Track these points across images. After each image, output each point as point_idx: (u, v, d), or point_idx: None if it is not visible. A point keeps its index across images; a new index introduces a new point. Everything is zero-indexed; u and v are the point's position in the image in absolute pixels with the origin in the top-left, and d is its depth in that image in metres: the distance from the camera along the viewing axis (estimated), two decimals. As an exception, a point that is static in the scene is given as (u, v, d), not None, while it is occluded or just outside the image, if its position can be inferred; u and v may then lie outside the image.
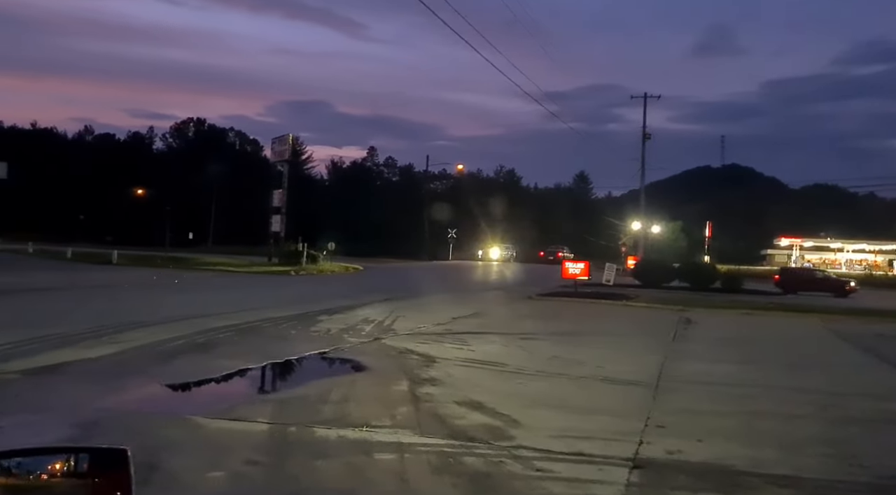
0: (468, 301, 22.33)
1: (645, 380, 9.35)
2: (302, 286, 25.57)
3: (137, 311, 14.88)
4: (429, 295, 23.82)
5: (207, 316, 14.59)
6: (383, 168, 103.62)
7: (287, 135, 38.76)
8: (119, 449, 1.47)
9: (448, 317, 17.20)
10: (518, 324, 16.34)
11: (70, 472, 1.43)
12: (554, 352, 11.85)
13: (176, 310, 15.45)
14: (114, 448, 1.48)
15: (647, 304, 21.75)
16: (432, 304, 20.55)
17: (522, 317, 18.08)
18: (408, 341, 12.47)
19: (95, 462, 1.45)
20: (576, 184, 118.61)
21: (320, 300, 19.71)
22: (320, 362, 10.34)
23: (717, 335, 15.48)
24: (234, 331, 12.61)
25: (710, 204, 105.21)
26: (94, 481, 1.41)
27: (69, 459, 1.45)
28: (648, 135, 43.37)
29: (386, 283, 28.60)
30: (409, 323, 15.48)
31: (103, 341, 10.72)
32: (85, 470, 1.44)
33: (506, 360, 10.71)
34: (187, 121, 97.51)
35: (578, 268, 24.57)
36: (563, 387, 8.90)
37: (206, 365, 9.34)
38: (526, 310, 20.22)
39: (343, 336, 12.95)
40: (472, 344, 12.46)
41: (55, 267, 30.36)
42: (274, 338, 12.20)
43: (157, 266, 32.52)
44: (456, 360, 10.59)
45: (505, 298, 23.69)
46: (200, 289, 22.12)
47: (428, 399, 7.73)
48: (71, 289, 20.20)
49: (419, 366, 9.92)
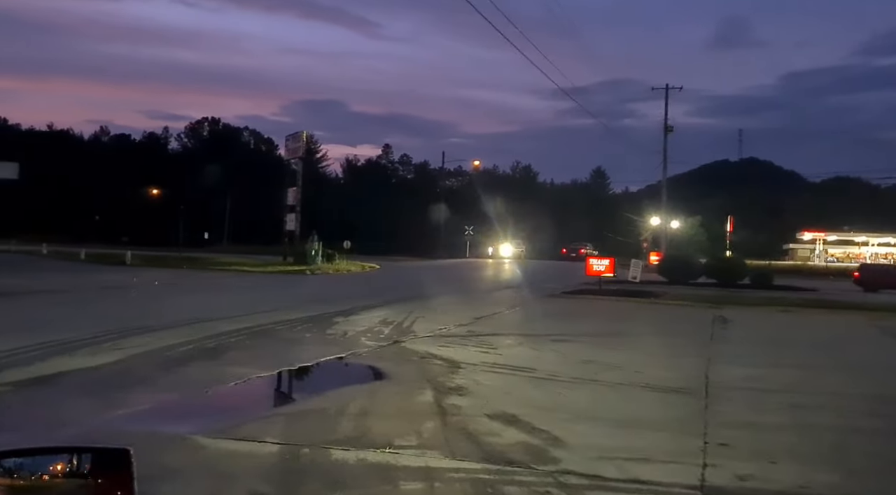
0: (489, 300, 21.57)
1: (691, 387, 8.53)
2: (317, 286, 24.93)
3: (145, 314, 14.25)
4: (448, 294, 23.08)
5: (219, 318, 13.93)
6: (398, 165, 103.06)
7: (301, 132, 38.17)
8: (121, 450, 1.45)
9: (470, 317, 16.45)
10: (544, 324, 15.54)
11: (72, 472, 1.41)
12: (586, 355, 11.05)
13: (186, 312, 14.81)
14: (116, 448, 1.46)
15: (676, 302, 20.86)
16: (452, 304, 19.80)
17: (548, 316, 17.29)
18: (429, 344, 11.73)
19: (98, 462, 1.43)
20: (593, 180, 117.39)
21: (336, 300, 19.03)
22: (336, 369, 9.61)
23: (758, 335, 14.60)
24: (245, 335, 11.93)
25: (729, 198, 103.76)
26: (97, 481, 1.40)
27: (71, 459, 1.43)
28: (671, 128, 42.32)
29: (403, 282, 27.89)
30: (429, 324, 14.74)
31: (106, 347, 10.06)
32: (87, 470, 1.42)
33: (536, 365, 9.93)
34: (202, 120, 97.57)
35: (603, 264, 23.70)
36: (602, 396, 8.10)
37: (214, 373, 8.65)
38: (551, 308, 19.42)
39: (360, 339, 12.24)
40: (498, 346, 11.70)
41: (67, 268, 29.94)
42: (287, 342, 11.50)
43: (171, 266, 32.04)
44: (482, 366, 9.83)
45: (527, 297, 22.88)
46: (212, 289, 21.52)
47: (456, 412, 6.98)
48: (79, 291, 19.65)
49: (443, 373, 9.17)
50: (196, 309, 15.73)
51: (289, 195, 39.29)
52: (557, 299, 22.28)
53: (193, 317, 13.83)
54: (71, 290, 19.58)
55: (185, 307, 16.17)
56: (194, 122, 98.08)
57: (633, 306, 20.27)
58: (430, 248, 61.22)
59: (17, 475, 1.38)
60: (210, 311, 15.08)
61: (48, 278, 24.14)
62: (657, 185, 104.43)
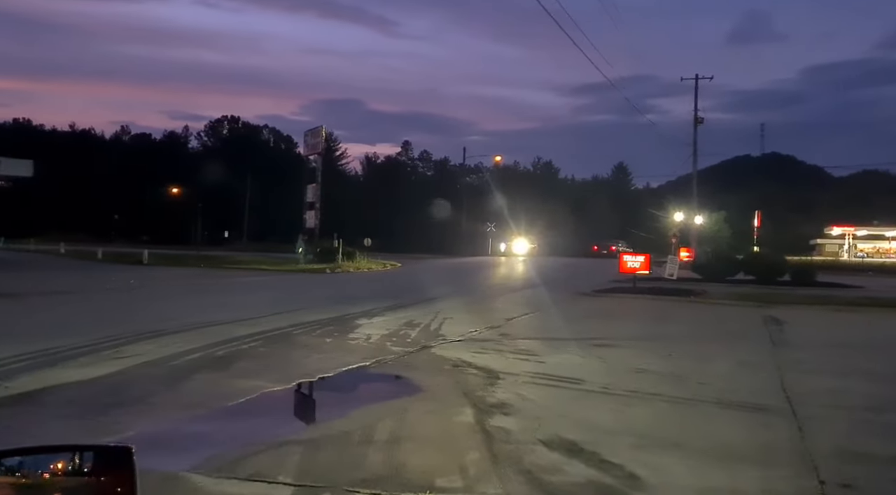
0: (518, 299, 20.43)
1: (773, 404, 7.34)
2: (338, 285, 23.91)
3: (155, 317, 13.28)
4: (474, 293, 22.00)
5: (233, 321, 12.94)
6: (418, 162, 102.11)
7: (320, 127, 37.22)
8: (123, 447, 1.43)
9: (501, 318, 15.33)
10: (582, 326, 14.37)
11: (74, 471, 1.38)
12: (637, 362, 9.87)
13: (198, 314, 13.83)
14: (118, 446, 1.44)
15: (719, 301, 19.56)
16: (480, 304, 18.70)
17: (584, 317, 16.11)
18: (461, 350, 10.64)
19: (99, 460, 1.41)
20: (615, 176, 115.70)
21: (358, 301, 18.00)
22: (361, 381, 8.52)
23: (820, 338, 13.32)
24: (260, 340, 10.90)
25: (752, 193, 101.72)
26: (99, 479, 1.38)
27: (73, 457, 1.40)
28: (700, 120, 40.74)
29: (426, 281, 26.81)
30: (458, 326, 13.65)
31: (105, 356, 9.07)
32: (89, 468, 1.40)
33: (583, 375, 8.79)
34: (221, 119, 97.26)
35: (638, 261, 22.43)
36: (671, 416, 6.93)
37: (220, 387, 7.61)
38: (585, 309, 18.23)
39: (386, 344, 11.16)
40: (537, 352, 10.57)
41: (82, 267, 29.22)
42: (306, 349, 10.44)
43: (188, 265, 31.25)
44: (524, 376, 8.70)
45: (557, 296, 21.67)
46: (228, 289, 20.57)
47: (504, 437, 5.86)
48: (89, 291, 18.80)
49: (482, 385, 8.06)
50: (209, 310, 14.75)
51: (308, 192, 38.36)
52: (590, 298, 21.07)
53: (205, 320, 12.85)
54: (80, 291, 18.73)
55: (198, 309, 15.21)
56: (214, 121, 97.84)
57: (673, 305, 19.00)
58: (451, 246, 60.13)
59: (19, 474, 1.35)
60: (223, 313, 14.09)
61: (60, 278, 23.40)
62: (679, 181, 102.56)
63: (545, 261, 49.18)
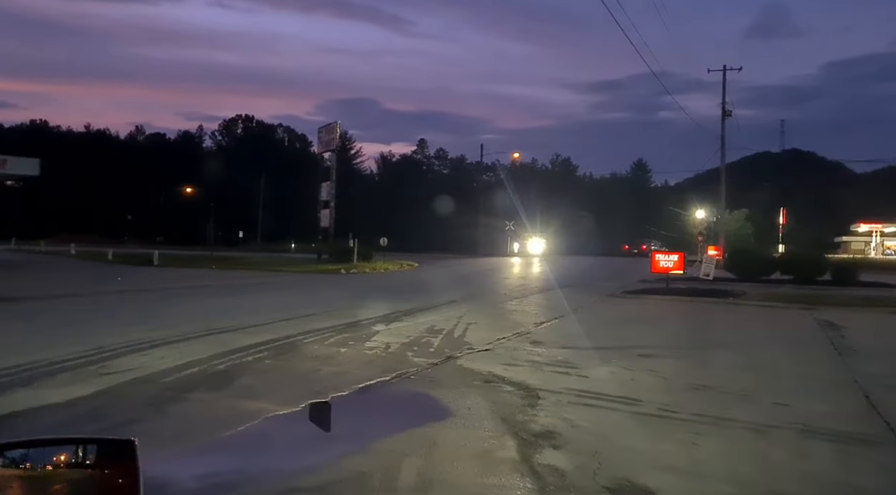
0: (544, 302, 19.23)
1: (873, 433, 6.14)
2: (353, 287, 22.82)
3: (154, 324, 12.23)
4: (497, 295, 20.84)
5: (239, 328, 11.88)
6: (434, 160, 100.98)
7: (334, 123, 36.15)
8: (126, 440, 1.43)
9: (529, 323, 14.18)
10: (620, 332, 13.18)
11: (77, 463, 1.39)
12: (693, 376, 8.68)
13: (202, 320, 12.78)
14: (121, 439, 1.44)
15: (762, 303, 18.23)
16: (504, 306, 17.54)
17: (620, 322, 14.89)
18: (491, 361, 9.50)
19: (103, 453, 1.41)
20: (633, 173, 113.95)
21: (374, 304, 16.90)
22: (380, 402, 7.40)
23: (889, 345, 12.03)
24: (267, 351, 9.81)
25: (773, 190, 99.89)
26: (103, 472, 1.38)
27: (77, 450, 1.41)
28: (729, 113, 39.21)
29: (445, 282, 25.68)
30: (484, 332, 12.51)
31: (90, 372, 8.01)
32: (92, 460, 1.40)
33: (636, 393, 7.61)
34: (235, 118, 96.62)
35: (671, 260, 21.13)
36: (759, 451, 5.72)
37: (218, 411, 6.52)
38: (618, 312, 17.01)
39: (406, 354, 10.04)
40: (578, 364, 9.39)
41: (90, 269, 28.37)
42: (318, 361, 9.34)
43: (200, 266, 30.33)
44: (568, 394, 7.54)
45: (585, 298, 20.45)
46: (238, 292, 19.53)
47: (559, 482, 4.71)
48: (92, 295, 17.83)
49: (521, 407, 6.92)
50: (215, 315, 13.70)
51: (322, 190, 37.34)
52: (622, 300, 19.84)
53: (209, 327, 11.79)
54: (82, 294, 17.78)
55: (203, 314, 14.15)
56: (228, 120, 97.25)
57: (713, 308, 17.72)
58: (469, 245, 58.94)
59: (23, 466, 1.34)
60: (230, 319, 13.04)
61: (64, 280, 22.53)
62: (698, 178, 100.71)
63: (566, 261, 47.90)
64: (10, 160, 26.43)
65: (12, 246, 43.39)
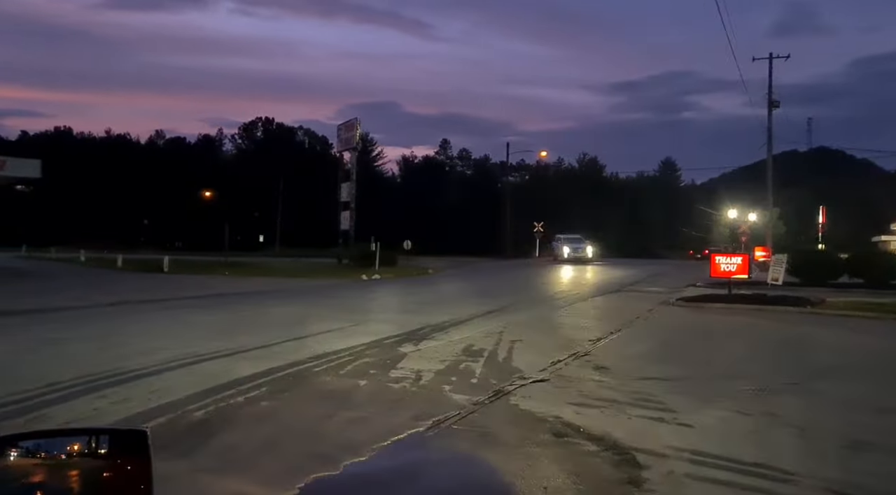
0: (592, 311, 16.93)
1: None
2: (375, 296, 20.67)
3: (138, 347, 10.16)
4: (535, 303, 18.58)
5: (237, 351, 9.78)
6: (457, 161, 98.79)
7: (354, 119, 34.09)
8: (139, 431, 1.43)
9: (583, 339, 11.93)
10: (700, 352, 10.89)
11: (90, 453, 1.39)
12: (840, 425, 6.40)
13: (195, 342, 10.69)
14: (133, 429, 1.43)
15: (847, 313, 15.76)
16: (549, 318, 15.27)
17: (693, 337, 12.60)
18: (553, 398, 7.32)
19: (115, 443, 1.41)
20: (662, 172, 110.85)
21: (400, 316, 14.79)
22: (411, 473, 5.21)
23: None
24: (266, 386, 7.67)
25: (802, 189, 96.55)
26: (115, 462, 1.38)
27: (89, 441, 1.41)
28: (776, 103, 36.47)
29: (476, 288, 23.45)
30: (533, 354, 10.32)
31: (32, 419, 5.92)
32: (105, 451, 1.40)
33: (776, 456, 5.35)
34: (255, 120, 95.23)
35: (733, 263, 18.66)
36: None
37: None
38: (684, 325, 14.71)
39: (443, 387, 7.87)
40: (671, 404, 7.12)
41: (94, 277, 26.57)
42: (330, 401, 7.18)
43: (212, 273, 28.43)
44: (677, 458, 5.30)
45: (637, 306, 18.13)
46: (245, 304, 17.43)
47: None
48: (84, 309, 15.85)
49: (620, 485, 4.70)
50: (211, 334, 11.61)
51: (342, 190, 35.28)
52: (682, 310, 17.48)
53: (201, 351, 9.69)
54: (74, 308, 15.82)
55: (200, 330, 12.07)
56: (248, 123, 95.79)
57: (794, 319, 15.29)
58: (495, 247, 56.67)
59: (39, 456, 1.36)
60: (229, 339, 10.94)
61: (58, 290, 20.67)
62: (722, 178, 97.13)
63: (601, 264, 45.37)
64: (10, 161, 24.78)
65: (23, 252, 42.01)
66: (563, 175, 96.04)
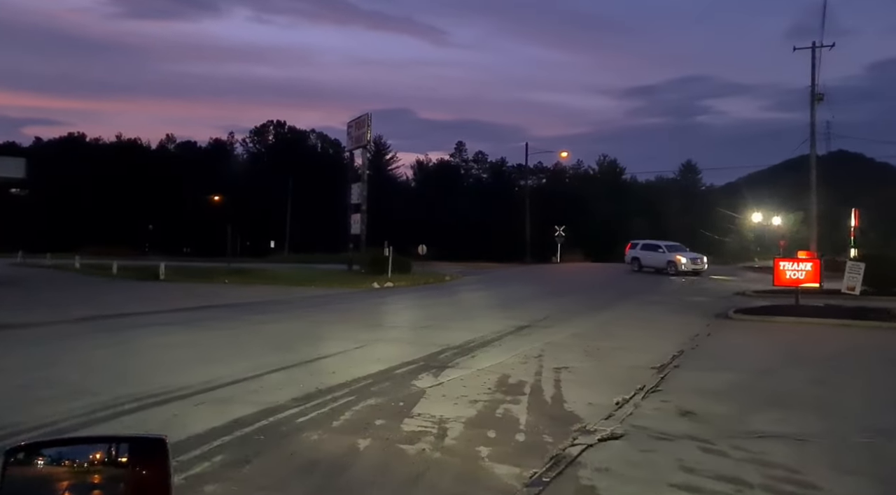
0: (638, 327, 14.41)
1: None
2: (387, 308, 18.20)
3: (58, 388, 7.81)
4: (571, 315, 16.09)
5: (198, 391, 7.43)
6: (473, 164, 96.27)
7: (365, 115, 31.77)
8: (157, 439, 1.45)
9: (643, 365, 9.54)
10: (812, 389, 8.38)
11: (110, 461, 1.42)
12: None
13: (146, 376, 8.32)
14: (152, 437, 1.45)
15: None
16: (592, 335, 12.78)
17: (786, 364, 10.07)
18: (643, 472, 4.99)
19: (135, 451, 1.44)
20: (682, 175, 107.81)
21: (414, 335, 12.37)
22: None
23: None
24: (223, 453, 5.29)
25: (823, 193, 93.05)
26: (135, 469, 1.41)
27: (110, 448, 1.44)
28: (820, 96, 33.70)
29: (500, 298, 20.99)
30: (587, 388, 7.99)
31: None
32: (125, 458, 1.42)
33: None
34: (267, 124, 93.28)
35: (802, 270, 16.03)
36: None
37: None
38: (762, 345, 12.27)
39: (478, 450, 5.51)
40: (837, 490, 4.64)
41: (84, 286, 24.36)
42: (310, 480, 4.77)
43: (211, 280, 26.17)
44: None
45: (690, 320, 15.62)
46: (235, 319, 14.94)
47: None
48: (50, 325, 13.52)
49: None
50: (172, 363, 9.24)
51: (353, 192, 32.91)
52: (747, 324, 14.95)
53: (140, 394, 7.29)
54: (35, 324, 13.50)
55: (156, 361, 9.64)
56: (259, 126, 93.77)
57: (890, 337, 12.74)
58: (514, 252, 54.12)
59: (62, 464, 1.40)
60: (194, 370, 8.56)
61: (36, 302, 18.49)
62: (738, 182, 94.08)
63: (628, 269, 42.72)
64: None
65: (18, 259, 40.10)
66: (581, 178, 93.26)
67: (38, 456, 1.39)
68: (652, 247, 38.12)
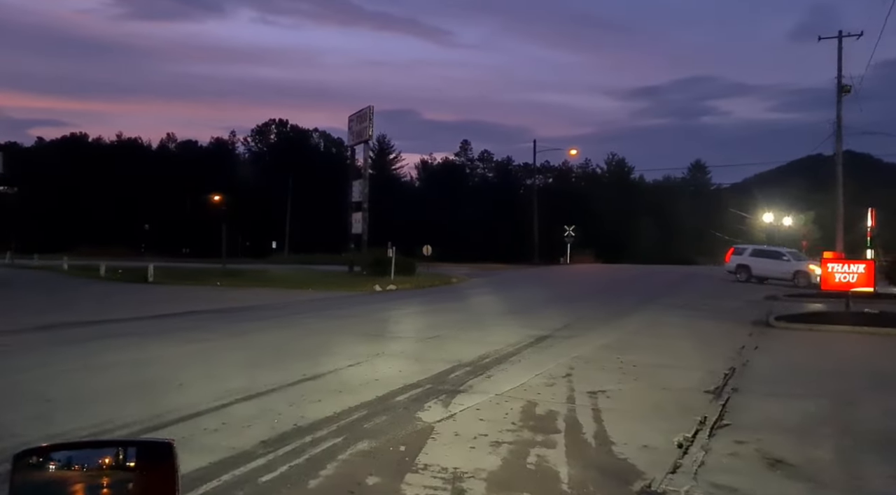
0: (673, 337, 12.74)
1: None
2: (389, 314, 16.48)
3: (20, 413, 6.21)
4: (593, 322, 14.43)
5: (166, 423, 5.82)
6: (478, 163, 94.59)
7: (366, 108, 30.18)
8: (165, 443, 1.44)
9: (691, 386, 7.96)
10: None
11: (118, 465, 1.41)
12: None
13: (116, 402, 6.71)
14: (159, 441, 1.45)
15: None
16: (622, 347, 11.11)
17: (872, 389, 8.38)
18: None
19: (142, 455, 1.43)
20: (691, 175, 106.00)
21: (419, 349, 10.71)
22: None
23: None
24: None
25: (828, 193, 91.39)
26: (142, 473, 1.40)
27: (117, 452, 1.43)
28: (847, 89, 31.92)
29: (513, 301, 19.33)
30: (637, 420, 6.39)
31: None
32: (132, 462, 1.42)
33: None
34: (269, 122, 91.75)
35: (854, 272, 14.27)
36: None
37: None
38: (828, 360, 10.63)
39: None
40: None
41: (66, 288, 22.80)
42: None
43: (204, 283, 24.60)
44: None
45: (724, 327, 13.96)
46: (216, 329, 13.24)
47: None
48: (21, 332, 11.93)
49: None
50: (135, 389, 7.62)
51: (354, 189, 31.30)
52: (795, 334, 13.30)
53: (94, 425, 5.70)
54: (16, 331, 11.93)
55: (118, 385, 8.00)
56: (261, 125, 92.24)
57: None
58: (522, 253, 52.50)
59: (68, 467, 1.38)
60: (142, 400, 6.94)
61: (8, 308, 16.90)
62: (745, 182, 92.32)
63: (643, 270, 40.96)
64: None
65: (6, 260, 38.62)
66: (589, 177, 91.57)
67: (47, 460, 1.38)
68: (771, 254, 32.29)
